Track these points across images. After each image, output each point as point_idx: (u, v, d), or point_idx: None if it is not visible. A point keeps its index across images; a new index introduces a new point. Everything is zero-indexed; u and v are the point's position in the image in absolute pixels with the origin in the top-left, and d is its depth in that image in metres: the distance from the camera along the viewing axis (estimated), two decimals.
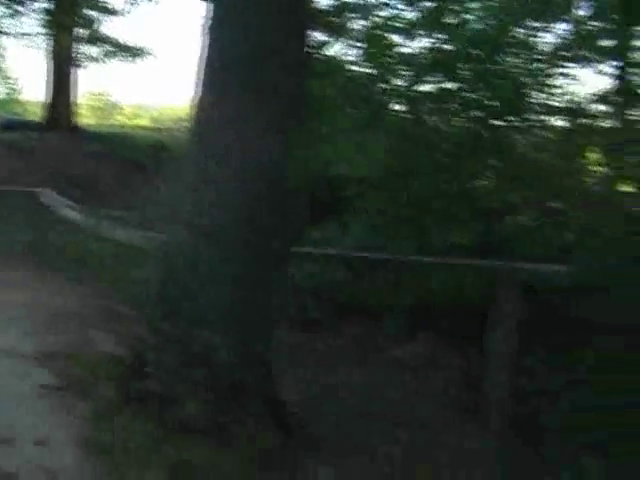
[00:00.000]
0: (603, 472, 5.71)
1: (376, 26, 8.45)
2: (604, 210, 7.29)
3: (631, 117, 8.74)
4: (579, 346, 6.49)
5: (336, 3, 8.56)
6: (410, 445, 6.03)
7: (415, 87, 9.00)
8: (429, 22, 8.47)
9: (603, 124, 9.02)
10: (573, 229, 7.74)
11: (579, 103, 9.19)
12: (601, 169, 8.75)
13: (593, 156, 9.07)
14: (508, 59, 8.97)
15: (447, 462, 5.86)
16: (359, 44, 8.78)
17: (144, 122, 27.83)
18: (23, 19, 23.13)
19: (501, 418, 6.50)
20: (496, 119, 8.85)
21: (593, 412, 6.19)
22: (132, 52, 24.14)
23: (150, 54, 24.50)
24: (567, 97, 9.22)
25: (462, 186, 8.13)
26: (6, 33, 23.65)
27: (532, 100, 9.14)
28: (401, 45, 8.75)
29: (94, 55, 24.04)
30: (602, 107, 9.14)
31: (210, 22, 5.78)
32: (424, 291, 7.79)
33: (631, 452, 5.87)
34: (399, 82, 8.85)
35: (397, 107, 9.03)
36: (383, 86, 8.75)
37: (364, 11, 8.59)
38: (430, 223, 7.73)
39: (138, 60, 24.39)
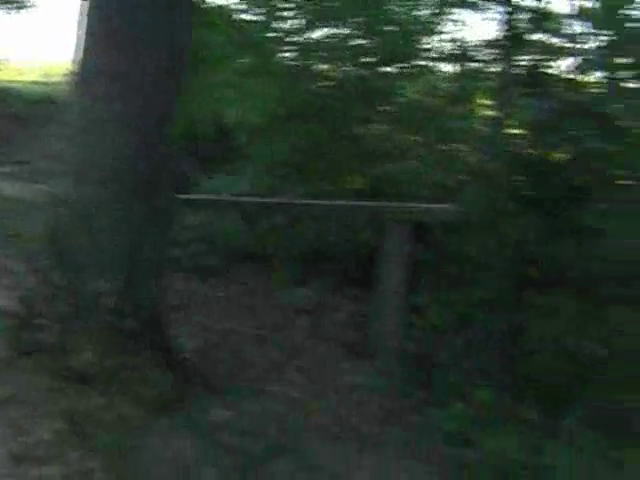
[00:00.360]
0: (490, 400, 5.90)
1: None
2: (492, 151, 7.42)
3: (518, 61, 8.86)
4: (468, 283, 6.66)
5: None
6: (303, 386, 6.11)
7: (304, 34, 9.04)
8: None
9: (492, 69, 9.15)
10: (462, 170, 7.88)
11: (468, 48, 9.32)
12: (490, 112, 8.88)
13: (483, 100, 9.21)
14: (397, 7, 9.04)
15: (339, 400, 5.97)
16: None
17: (31, 77, 27.08)
18: None
19: (392, 356, 6.62)
20: (386, 65, 8.94)
21: (482, 347, 6.39)
22: (14, 3, 23.40)
23: (34, 6, 23.82)
24: (456, 43, 9.35)
25: (352, 131, 8.21)
26: None
27: (421, 46, 9.24)
28: None
29: None
30: (490, 52, 9.28)
31: None
32: (316, 235, 7.86)
33: (519, 384, 6.11)
34: (287, 29, 8.86)
35: (286, 54, 9.05)
36: (271, 34, 8.74)
37: None
38: (321, 168, 7.81)
39: (22, 12, 23.66)
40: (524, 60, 8.75)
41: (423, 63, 9.30)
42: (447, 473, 5.19)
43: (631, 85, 8.60)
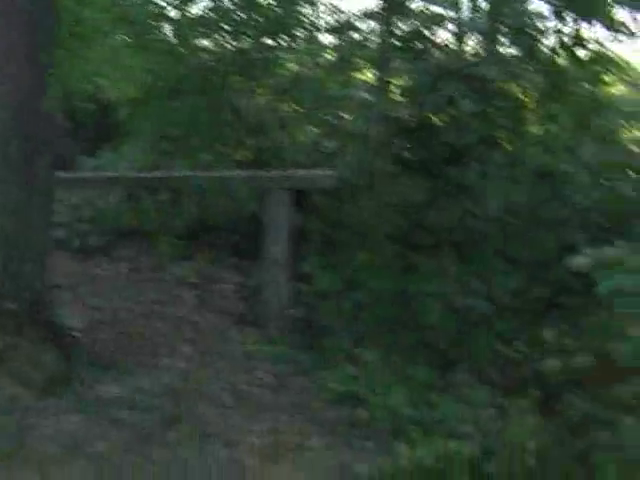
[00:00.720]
0: (379, 360, 6.01)
1: None
2: (373, 117, 7.50)
3: (398, 29, 8.95)
4: (353, 248, 6.74)
5: None
6: (194, 357, 6.13)
7: (182, 9, 8.97)
8: None
9: (373, 37, 9.23)
10: (344, 136, 7.95)
11: (348, 19, 9.39)
12: (372, 79, 8.96)
13: (364, 68, 9.28)
14: None
15: (230, 369, 6.00)
16: None
17: None
18: None
19: (281, 323, 6.67)
20: (266, 38, 8.94)
21: (370, 310, 6.49)
22: None
23: None
24: (336, 14, 9.42)
25: (233, 104, 8.20)
26: None
27: (302, 18, 9.27)
28: None
29: None
30: (371, 21, 9.35)
31: None
32: (201, 208, 7.85)
33: (408, 344, 6.24)
34: (166, 4, 8.78)
35: (165, 29, 8.98)
36: (150, 8, 8.65)
37: None
38: (203, 141, 7.79)
39: None
40: (404, 28, 8.85)
41: (304, 34, 9.32)
42: (339, 433, 5.27)
43: (509, 50, 8.82)
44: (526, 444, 4.65)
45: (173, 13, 9.02)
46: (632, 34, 9.53)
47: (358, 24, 9.43)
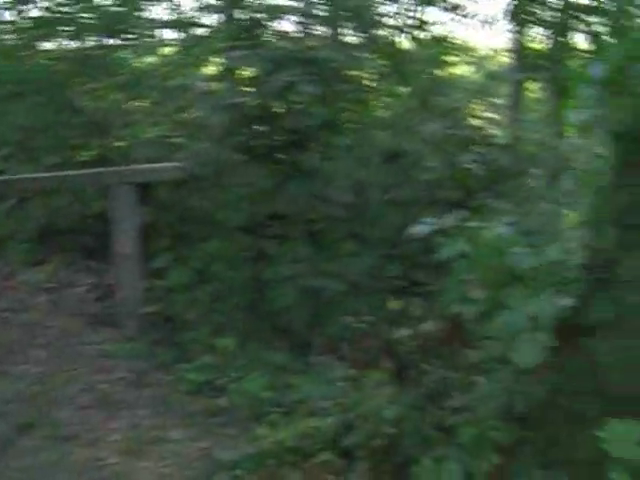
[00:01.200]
0: (236, 348, 6.08)
1: None
2: (217, 107, 7.45)
3: (239, 20, 8.96)
4: (202, 240, 6.73)
5: None
6: (49, 361, 6.02)
7: (21, 13, 8.87)
8: None
9: (215, 29, 9.24)
10: (188, 128, 7.94)
11: (189, 14, 9.39)
12: (215, 70, 8.94)
13: (208, 59, 9.26)
14: None
15: (87, 370, 5.93)
16: None
17: None
18: None
19: (136, 321, 6.60)
20: (109, 37, 8.89)
21: (222, 299, 6.51)
22: None
23: None
24: (177, 10, 9.42)
25: (76, 104, 8.12)
26: None
27: (143, 15, 9.24)
28: None
29: None
30: (212, 14, 9.36)
31: None
32: (49, 210, 7.71)
33: (257, 328, 6.31)
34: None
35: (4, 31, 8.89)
36: None
37: None
38: (48, 144, 7.69)
39: None
40: (245, 19, 8.88)
41: (147, 32, 9.28)
42: (200, 422, 5.29)
43: (350, 34, 8.98)
44: (383, 414, 4.73)
45: (8, 15, 8.94)
46: (468, 15, 9.85)
47: (201, 17, 9.43)
